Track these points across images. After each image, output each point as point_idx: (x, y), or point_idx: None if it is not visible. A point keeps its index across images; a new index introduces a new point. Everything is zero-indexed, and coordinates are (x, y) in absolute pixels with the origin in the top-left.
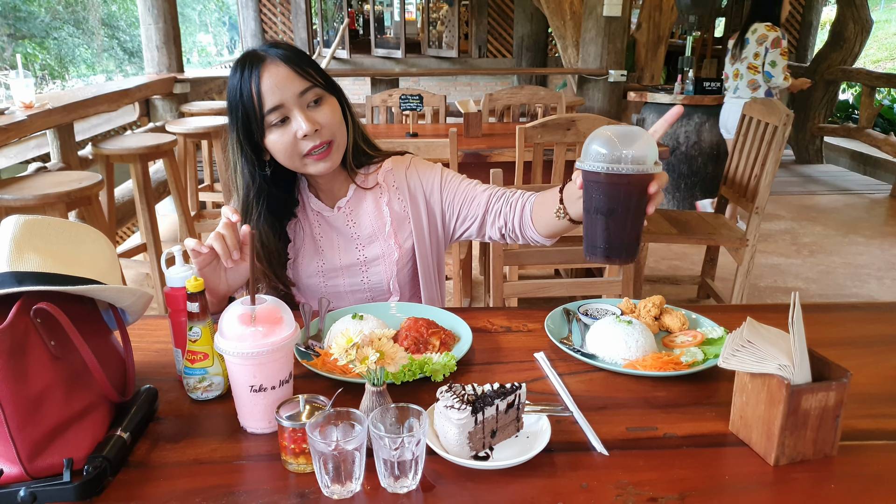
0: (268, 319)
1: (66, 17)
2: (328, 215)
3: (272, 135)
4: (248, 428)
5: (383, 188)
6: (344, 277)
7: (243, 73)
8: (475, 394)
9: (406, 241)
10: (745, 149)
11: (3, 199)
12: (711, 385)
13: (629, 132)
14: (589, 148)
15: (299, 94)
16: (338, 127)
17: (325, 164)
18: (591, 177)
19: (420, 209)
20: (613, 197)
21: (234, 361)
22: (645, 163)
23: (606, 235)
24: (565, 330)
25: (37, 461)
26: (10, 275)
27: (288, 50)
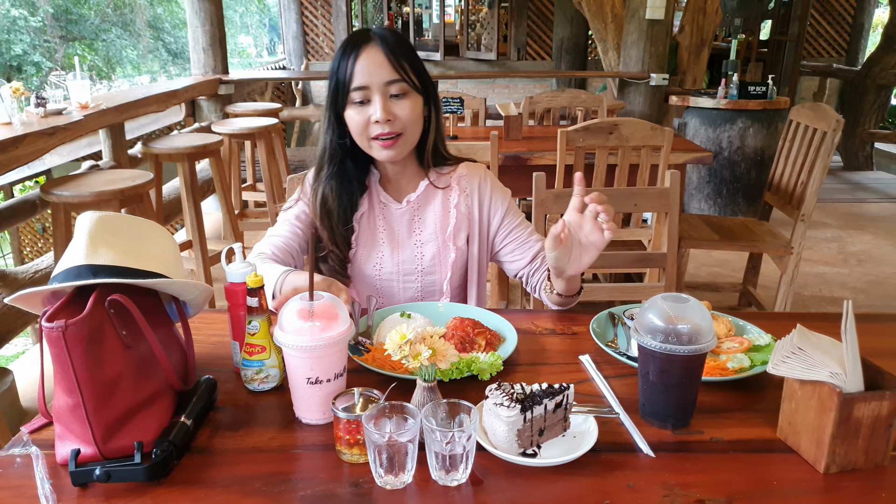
0: (325, 315)
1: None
2: (394, 209)
3: (351, 110)
4: (304, 419)
5: (454, 190)
6: (399, 274)
7: (348, 45)
8: (524, 393)
9: (463, 245)
10: (792, 154)
11: (63, 195)
12: (758, 391)
13: (685, 305)
14: (644, 318)
15: (385, 82)
16: (411, 123)
17: (388, 153)
18: (647, 350)
19: (483, 218)
20: (669, 370)
21: (293, 354)
22: (699, 339)
23: (661, 400)
24: (611, 333)
25: (110, 443)
26: (86, 267)
27: (393, 40)
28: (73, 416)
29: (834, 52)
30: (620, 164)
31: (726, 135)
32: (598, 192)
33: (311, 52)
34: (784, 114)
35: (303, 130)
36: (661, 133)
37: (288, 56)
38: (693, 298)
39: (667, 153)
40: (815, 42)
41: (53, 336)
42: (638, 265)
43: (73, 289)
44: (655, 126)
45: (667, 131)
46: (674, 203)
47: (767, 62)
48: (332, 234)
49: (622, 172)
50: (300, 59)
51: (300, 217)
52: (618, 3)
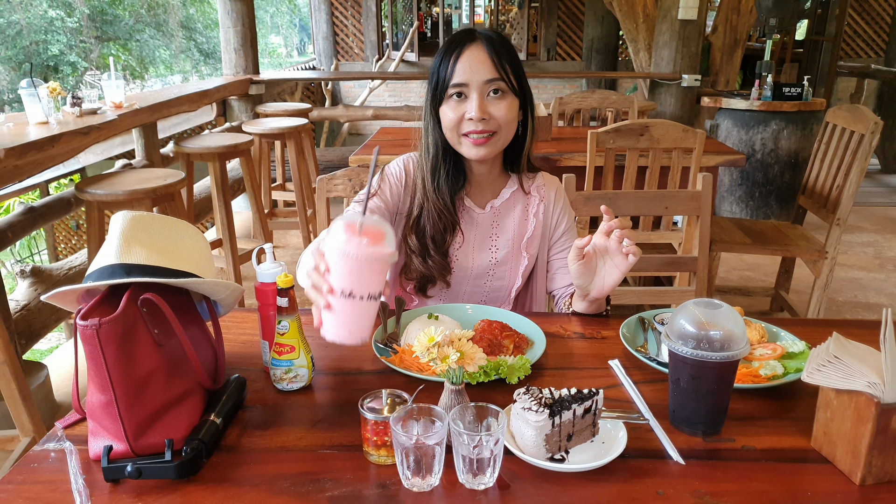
0: (372, 234)
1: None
2: (476, 214)
3: (446, 105)
4: (327, 335)
5: (535, 197)
6: (470, 277)
7: (452, 43)
8: (552, 397)
9: (535, 253)
10: (828, 157)
11: (96, 194)
12: (791, 399)
13: (717, 311)
14: (675, 324)
15: (485, 81)
16: (506, 124)
17: (478, 150)
18: (678, 356)
19: (549, 229)
20: (700, 377)
21: (334, 262)
22: (731, 345)
23: (692, 407)
24: (640, 338)
25: (141, 440)
26: (119, 266)
27: (497, 40)
28: (106, 412)
29: (872, 53)
30: (651, 166)
31: (759, 136)
32: (620, 218)
33: (340, 52)
34: (819, 115)
35: (332, 130)
36: (693, 135)
37: (318, 56)
38: (725, 304)
39: (698, 155)
40: (852, 42)
41: (88, 334)
42: (668, 269)
43: (107, 287)
44: (687, 128)
45: (698, 133)
46: (705, 206)
47: (803, 63)
48: (434, 242)
49: (653, 174)
50: (330, 59)
51: (376, 212)
52: (649, 3)
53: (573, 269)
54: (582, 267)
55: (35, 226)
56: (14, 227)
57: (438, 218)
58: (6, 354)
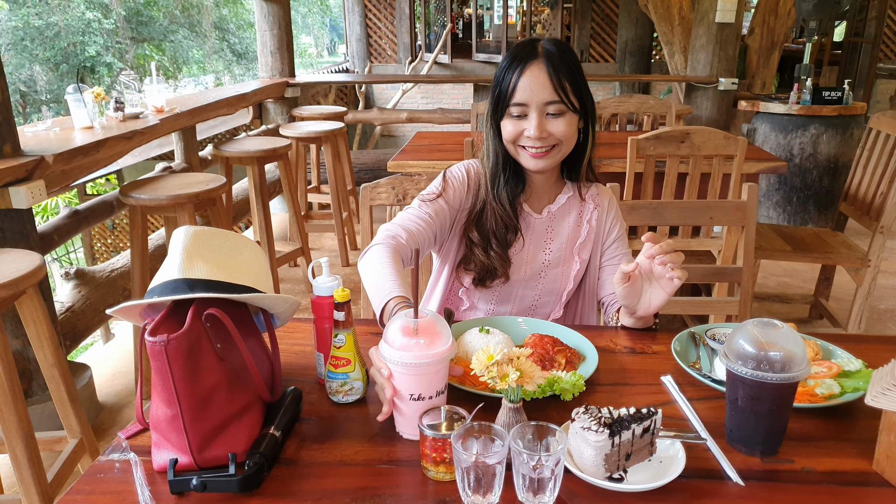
0: (428, 332)
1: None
2: (532, 219)
3: (507, 119)
4: (405, 434)
5: (589, 204)
6: (523, 280)
7: (516, 58)
8: (611, 417)
9: (587, 258)
10: (871, 163)
11: (140, 198)
12: (850, 419)
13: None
14: (734, 344)
15: (545, 103)
16: (565, 139)
17: (535, 162)
18: (737, 376)
19: (602, 236)
20: (759, 397)
21: (399, 371)
22: (791, 366)
23: (750, 427)
24: (693, 354)
25: (205, 453)
26: (182, 281)
27: (559, 58)
28: (171, 426)
29: None
30: (692, 173)
31: (798, 141)
32: (667, 242)
33: (373, 54)
34: (860, 119)
35: (364, 132)
36: (735, 142)
37: (351, 58)
38: (786, 325)
39: (740, 163)
40: (892, 43)
41: (156, 350)
42: (712, 279)
43: (171, 302)
44: (728, 135)
45: (740, 140)
46: (751, 217)
47: (841, 65)
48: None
49: (693, 182)
50: (363, 61)
51: (435, 206)
52: (685, 6)
53: (619, 291)
54: (628, 289)
55: (79, 228)
56: (60, 230)
57: (500, 219)
58: (55, 357)
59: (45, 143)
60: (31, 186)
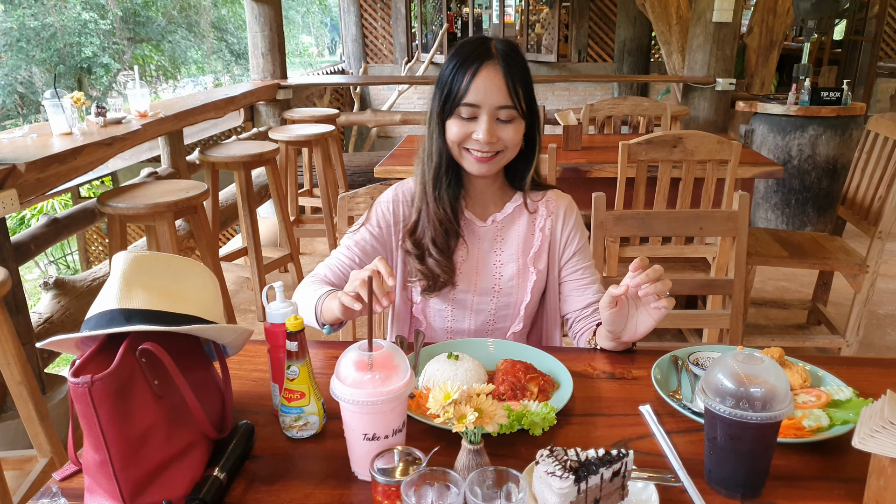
0: (384, 366)
1: (180, 21)
2: (478, 227)
3: (454, 120)
4: (360, 475)
5: (542, 213)
6: (474, 293)
7: (468, 57)
8: (578, 460)
9: (543, 269)
10: (869, 167)
11: (118, 207)
12: (839, 455)
13: (759, 366)
14: (712, 379)
15: (497, 107)
16: (512, 146)
17: (479, 167)
18: (715, 414)
19: (559, 246)
20: (740, 437)
21: (351, 409)
22: (774, 404)
23: (729, 468)
24: (674, 381)
25: (138, 500)
26: (119, 311)
27: (514, 61)
28: (101, 471)
29: None
30: (685, 178)
31: (796, 142)
32: (653, 269)
33: (369, 54)
34: (859, 120)
35: (361, 134)
36: (729, 147)
37: (347, 59)
38: (767, 358)
39: (734, 168)
40: (892, 42)
41: (79, 392)
42: (703, 291)
43: (105, 336)
44: (722, 139)
45: (734, 145)
46: (742, 227)
47: (841, 64)
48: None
49: (686, 187)
50: (359, 61)
51: (361, 244)
52: (683, 5)
53: (605, 316)
54: (615, 314)
55: (59, 237)
56: (37, 240)
57: (439, 224)
58: (23, 375)
59: (19, 150)
60: (2, 196)
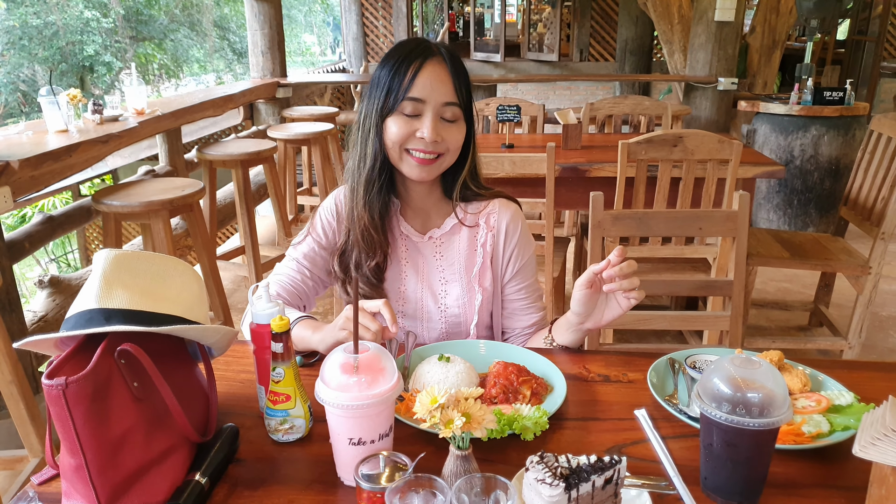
0: (370, 369)
1: (182, 19)
2: (417, 241)
3: (396, 118)
4: (345, 480)
5: (483, 228)
6: (422, 311)
7: (410, 52)
8: (569, 467)
9: (489, 286)
10: (872, 167)
11: (112, 205)
12: (840, 463)
13: (756, 371)
14: (708, 384)
15: (444, 103)
16: (454, 147)
17: (421, 171)
18: (711, 420)
19: (502, 262)
20: (736, 444)
21: (336, 413)
22: (772, 410)
23: (726, 475)
24: (670, 385)
25: None
26: (98, 311)
27: (456, 59)
28: (77, 476)
29: None
30: (685, 178)
31: (799, 142)
32: (628, 263)
33: (370, 53)
34: (862, 120)
35: None
36: (729, 146)
37: (348, 57)
38: (765, 362)
39: (734, 168)
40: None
41: (53, 394)
42: (702, 292)
43: (83, 336)
44: (723, 139)
45: (735, 144)
46: (742, 228)
47: (844, 64)
48: (373, 255)
49: (686, 187)
50: (360, 60)
51: (309, 255)
52: (685, 4)
53: (578, 295)
54: (588, 295)
55: (54, 235)
56: (31, 238)
57: (362, 238)
58: (14, 374)
59: (14, 147)
60: None
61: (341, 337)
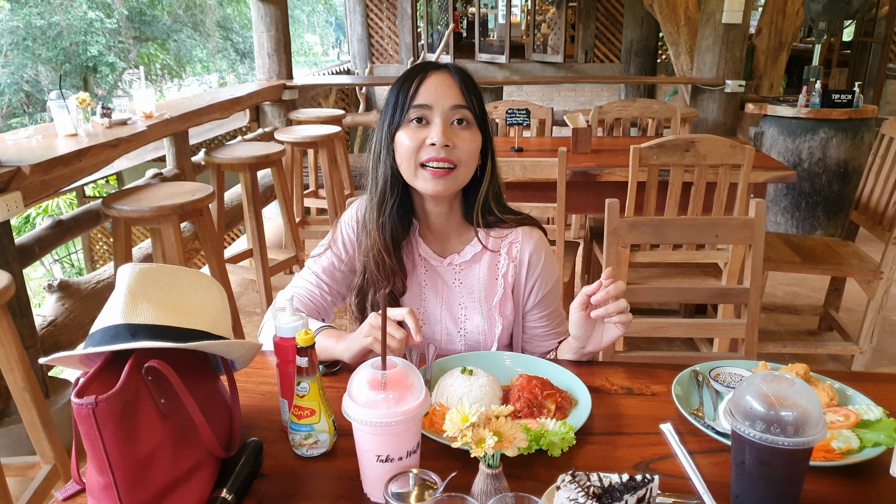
0: (398, 385)
1: (185, 20)
2: (436, 264)
3: (404, 130)
4: (372, 497)
5: (504, 259)
6: (442, 333)
7: (414, 70)
8: (601, 486)
9: (510, 315)
10: (884, 171)
11: (123, 210)
12: (871, 480)
13: (790, 388)
14: (741, 401)
15: (451, 107)
16: (468, 157)
17: (436, 184)
18: (744, 438)
19: (524, 291)
20: (770, 462)
21: (363, 430)
22: (807, 429)
23: (758, 494)
24: (695, 398)
25: None
26: (124, 327)
27: (464, 72)
28: (106, 494)
29: None
30: (697, 182)
31: (807, 145)
32: (615, 285)
33: (375, 54)
34: (871, 123)
35: (367, 135)
36: (742, 151)
37: (353, 58)
38: (799, 380)
39: (747, 173)
40: None
41: (83, 413)
42: (717, 300)
43: (110, 352)
44: (735, 144)
45: (747, 149)
46: (759, 236)
47: (851, 65)
48: (390, 273)
49: (698, 192)
50: (365, 61)
51: (328, 270)
52: (692, 6)
53: (574, 318)
54: (583, 317)
55: (63, 239)
56: (42, 242)
57: (376, 266)
58: (26, 381)
59: (24, 151)
60: (7, 199)
61: (366, 344)
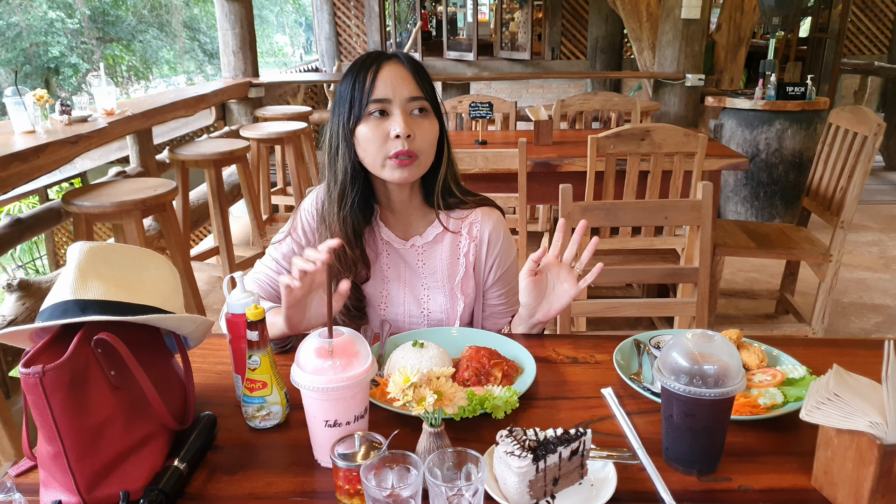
0: (345, 353)
1: (150, 20)
2: (398, 247)
3: (366, 124)
4: (322, 462)
5: (465, 238)
6: (405, 316)
7: (366, 62)
8: (537, 440)
9: (471, 294)
10: (831, 159)
11: (83, 206)
12: (792, 431)
13: (711, 344)
14: (667, 358)
15: (408, 98)
16: (428, 146)
17: (403, 173)
18: (670, 392)
19: (484, 269)
20: (694, 414)
21: (311, 396)
22: (726, 381)
23: (686, 445)
24: (635, 364)
25: (95, 492)
26: (73, 302)
27: (415, 62)
28: (56, 464)
29: (875, 50)
30: (653, 170)
31: (764, 136)
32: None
33: (343, 52)
34: (823, 115)
35: None
36: (695, 139)
37: (321, 57)
38: (720, 335)
39: (700, 160)
40: (855, 39)
41: (31, 382)
42: (669, 279)
43: (59, 327)
44: (689, 132)
45: (700, 137)
46: (706, 216)
47: (807, 60)
48: (352, 264)
49: (654, 180)
50: (333, 59)
51: (288, 256)
52: (653, 2)
53: (524, 285)
54: (532, 283)
55: (23, 238)
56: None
57: (338, 258)
58: None
59: None
60: None
61: (298, 295)
